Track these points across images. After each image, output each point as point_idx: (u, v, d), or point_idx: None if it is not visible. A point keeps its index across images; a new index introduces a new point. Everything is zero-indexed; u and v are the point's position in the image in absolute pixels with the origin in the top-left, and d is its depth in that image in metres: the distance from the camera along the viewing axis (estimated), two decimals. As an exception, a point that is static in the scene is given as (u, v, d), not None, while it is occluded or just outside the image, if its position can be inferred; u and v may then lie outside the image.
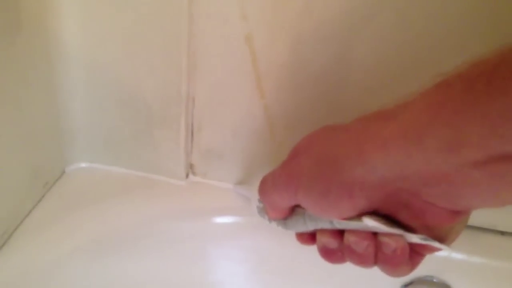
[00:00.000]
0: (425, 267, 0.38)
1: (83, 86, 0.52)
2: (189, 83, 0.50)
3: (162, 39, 0.47)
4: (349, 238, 0.33)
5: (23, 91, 0.45)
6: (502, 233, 0.53)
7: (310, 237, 0.39)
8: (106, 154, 0.57)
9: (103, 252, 0.51)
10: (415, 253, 0.33)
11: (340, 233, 0.35)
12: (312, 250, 0.39)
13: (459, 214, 0.29)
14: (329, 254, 0.36)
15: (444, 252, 0.37)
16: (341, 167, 0.30)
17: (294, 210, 0.39)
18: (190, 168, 0.58)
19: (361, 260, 0.33)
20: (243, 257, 0.56)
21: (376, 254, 0.33)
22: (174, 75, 0.49)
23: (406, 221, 0.31)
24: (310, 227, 0.37)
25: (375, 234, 0.33)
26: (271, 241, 0.55)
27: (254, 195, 0.45)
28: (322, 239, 0.36)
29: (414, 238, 0.31)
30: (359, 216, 0.32)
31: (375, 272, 0.35)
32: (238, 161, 0.56)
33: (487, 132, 0.22)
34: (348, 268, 0.37)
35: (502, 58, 0.21)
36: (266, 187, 0.39)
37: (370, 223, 0.31)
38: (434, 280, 0.52)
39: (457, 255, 0.51)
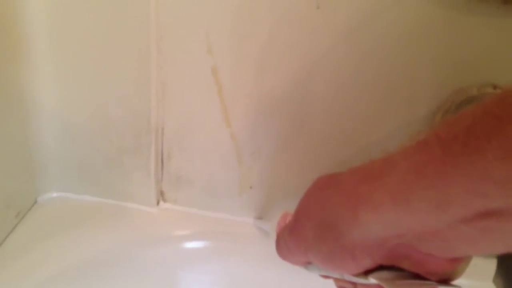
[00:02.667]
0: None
1: (54, 118, 0.53)
2: (158, 113, 0.52)
3: (132, 72, 0.49)
4: None
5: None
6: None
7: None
8: (78, 183, 0.59)
9: (75, 281, 0.52)
10: None
11: None
12: (282, 275, 0.40)
13: (459, 260, 0.30)
14: None
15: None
16: (340, 232, 0.32)
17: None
18: (161, 195, 0.59)
19: None
20: (214, 281, 0.58)
21: None
22: (143, 106, 0.51)
23: (410, 269, 0.32)
24: (326, 273, 0.40)
25: None
26: (242, 265, 0.56)
27: (273, 230, 0.47)
28: (338, 283, 0.39)
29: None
30: (366, 272, 0.34)
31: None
32: (207, 187, 0.58)
33: (470, 191, 0.23)
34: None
35: (474, 119, 0.22)
36: (281, 250, 0.41)
37: (375, 281, 0.33)
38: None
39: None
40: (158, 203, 0.60)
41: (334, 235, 0.32)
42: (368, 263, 0.32)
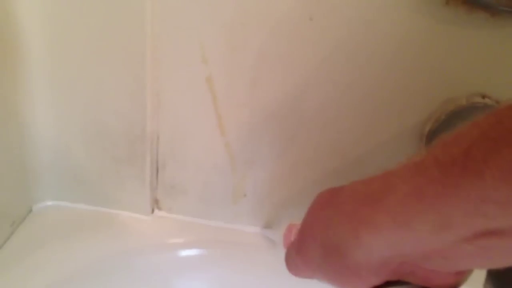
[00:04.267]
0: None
1: (50, 126, 0.54)
2: (154, 122, 0.53)
3: (127, 81, 0.50)
4: None
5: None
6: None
7: None
8: (72, 191, 0.59)
9: (71, 289, 0.52)
10: None
11: None
12: (278, 282, 0.41)
13: (462, 272, 0.31)
14: None
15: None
16: (343, 253, 0.32)
17: None
18: (156, 203, 0.60)
19: None
20: (208, 288, 0.58)
21: None
22: (139, 115, 0.52)
23: (417, 283, 0.33)
24: None
25: None
26: (235, 273, 0.57)
27: (279, 242, 0.47)
28: None
29: None
30: None
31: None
32: (202, 195, 0.58)
33: (470, 213, 0.23)
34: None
35: (472, 141, 0.23)
36: (291, 268, 0.41)
37: None
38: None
39: None
40: (153, 211, 0.60)
41: (338, 256, 0.32)
42: (374, 281, 0.33)
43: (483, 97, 0.47)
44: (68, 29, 0.48)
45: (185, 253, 0.57)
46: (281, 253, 0.43)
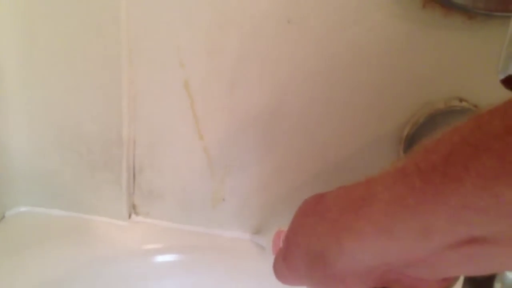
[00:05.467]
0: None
1: (23, 130, 0.52)
2: (130, 127, 0.52)
3: (103, 85, 0.49)
4: None
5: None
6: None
7: None
8: (47, 197, 0.58)
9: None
10: None
11: None
12: None
13: (450, 279, 0.31)
14: None
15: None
16: (327, 261, 0.32)
17: None
18: (133, 209, 0.59)
19: None
20: (187, 294, 0.57)
21: None
22: (115, 119, 0.51)
23: None
24: None
25: None
26: (213, 279, 0.56)
27: (269, 246, 0.47)
28: None
29: None
30: None
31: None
32: (179, 200, 0.57)
33: (452, 220, 0.23)
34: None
35: (452, 147, 0.23)
36: (279, 276, 0.41)
37: None
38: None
39: None
40: (130, 216, 0.59)
41: (323, 264, 0.32)
42: None
43: (461, 100, 0.47)
44: (42, 32, 0.47)
45: (163, 258, 0.56)
46: (261, 258, 0.43)
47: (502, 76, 0.33)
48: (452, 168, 0.22)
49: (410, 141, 0.49)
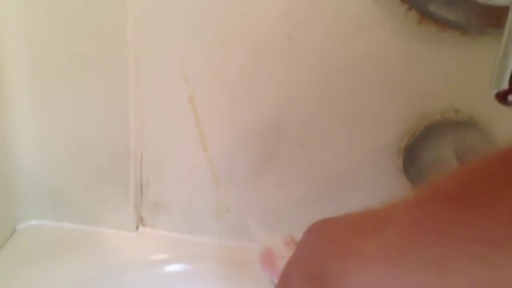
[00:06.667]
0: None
1: (33, 145, 0.54)
2: (137, 141, 0.54)
3: (111, 101, 0.51)
4: None
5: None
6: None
7: None
8: (56, 210, 0.59)
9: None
10: None
11: None
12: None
13: None
14: None
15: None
16: (329, 282, 0.31)
17: None
18: (140, 220, 0.60)
19: None
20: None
21: None
22: (122, 134, 0.52)
23: None
24: None
25: None
26: None
27: (259, 269, 0.48)
28: None
29: None
30: None
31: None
32: (185, 211, 0.59)
33: (462, 252, 0.23)
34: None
35: (463, 183, 0.23)
36: None
37: None
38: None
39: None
40: (137, 228, 0.60)
41: (325, 287, 0.32)
42: None
43: (456, 112, 0.49)
44: (50, 48, 0.49)
45: (170, 268, 0.57)
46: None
47: (495, 91, 0.34)
48: (463, 201, 0.22)
49: (408, 152, 0.50)
